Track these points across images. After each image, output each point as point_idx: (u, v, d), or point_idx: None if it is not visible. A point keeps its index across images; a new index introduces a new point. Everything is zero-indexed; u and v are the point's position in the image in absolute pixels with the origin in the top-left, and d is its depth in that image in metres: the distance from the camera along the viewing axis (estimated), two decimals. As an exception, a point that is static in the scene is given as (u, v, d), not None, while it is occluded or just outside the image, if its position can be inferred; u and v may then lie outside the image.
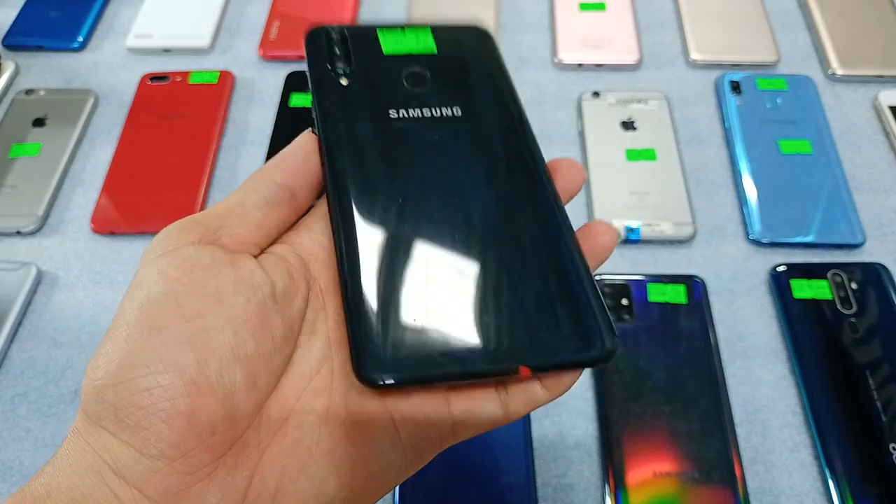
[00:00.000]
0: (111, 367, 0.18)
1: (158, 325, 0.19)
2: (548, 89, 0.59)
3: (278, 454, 0.19)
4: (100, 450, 0.18)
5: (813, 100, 0.56)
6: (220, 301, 0.19)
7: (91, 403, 0.18)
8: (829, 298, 0.45)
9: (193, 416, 0.18)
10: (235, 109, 0.59)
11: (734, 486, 0.39)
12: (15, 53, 0.63)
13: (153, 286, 0.20)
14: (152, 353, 0.18)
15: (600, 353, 0.21)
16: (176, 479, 0.18)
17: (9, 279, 0.49)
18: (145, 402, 0.18)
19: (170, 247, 0.21)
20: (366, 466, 0.20)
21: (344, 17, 0.63)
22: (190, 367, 0.18)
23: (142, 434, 0.18)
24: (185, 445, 0.18)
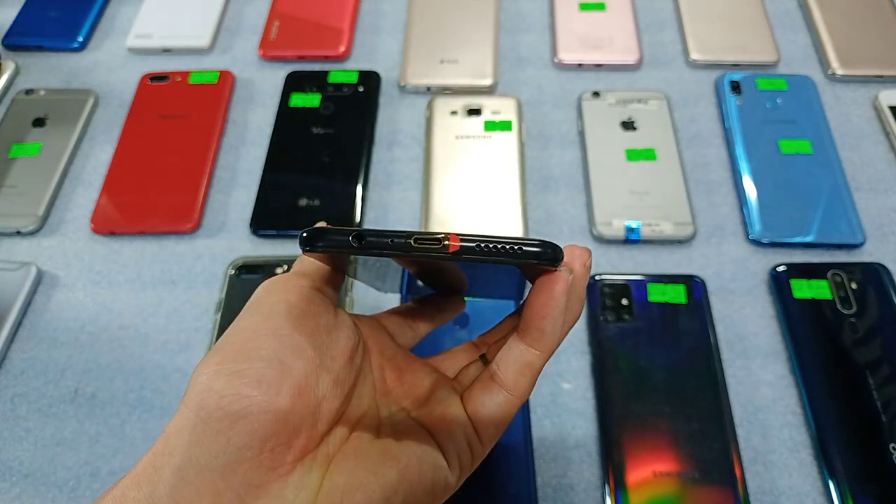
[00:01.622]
0: (227, 359, 0.21)
1: (278, 332, 0.22)
2: (548, 89, 0.59)
3: (346, 457, 0.22)
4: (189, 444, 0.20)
5: (813, 100, 0.56)
6: (330, 333, 0.23)
7: (198, 391, 0.20)
8: (829, 298, 0.45)
9: (289, 414, 0.20)
10: (235, 109, 0.59)
11: (734, 486, 0.39)
12: (15, 53, 0.63)
13: (277, 304, 0.23)
14: (269, 352, 0.21)
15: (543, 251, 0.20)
16: (260, 473, 0.20)
17: (9, 279, 0.49)
18: (251, 391, 0.20)
19: (291, 284, 0.24)
20: (420, 462, 0.23)
21: (344, 17, 0.63)
22: (298, 371, 0.21)
23: (240, 423, 0.20)
24: (274, 441, 0.20)
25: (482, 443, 0.24)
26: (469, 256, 0.20)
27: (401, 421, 0.24)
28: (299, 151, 0.55)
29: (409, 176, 0.54)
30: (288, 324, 0.22)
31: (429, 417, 0.24)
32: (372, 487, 0.21)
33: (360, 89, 0.58)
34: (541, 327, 0.22)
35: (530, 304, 0.22)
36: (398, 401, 0.26)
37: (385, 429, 0.24)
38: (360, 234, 0.20)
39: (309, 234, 0.20)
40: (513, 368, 0.23)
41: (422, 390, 0.26)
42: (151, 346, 0.46)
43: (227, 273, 0.48)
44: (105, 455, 0.42)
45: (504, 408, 0.24)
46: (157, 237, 0.51)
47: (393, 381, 0.26)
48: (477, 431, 0.24)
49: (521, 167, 0.53)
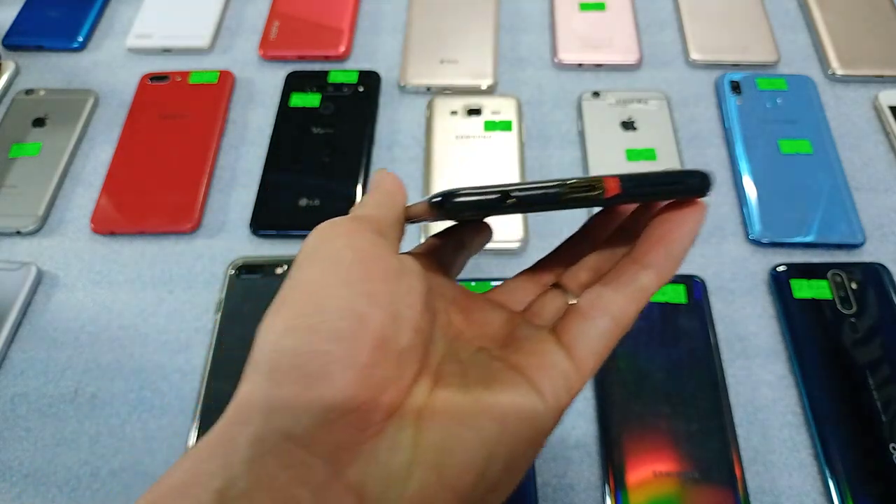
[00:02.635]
0: (296, 313, 0.19)
1: (348, 280, 0.19)
2: (548, 89, 0.59)
3: (437, 411, 0.20)
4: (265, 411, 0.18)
5: (813, 100, 0.56)
6: (400, 278, 0.21)
7: (268, 352, 0.19)
8: (829, 298, 0.45)
9: (373, 368, 0.18)
10: (235, 109, 0.59)
11: (734, 486, 0.39)
12: (15, 53, 0.63)
13: (341, 250, 0.20)
14: (342, 302, 0.19)
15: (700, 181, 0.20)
16: (349, 435, 0.18)
17: (9, 279, 0.49)
18: (329, 346, 0.18)
19: (352, 228, 0.21)
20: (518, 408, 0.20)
21: (344, 17, 0.63)
22: (375, 322, 0.19)
23: (320, 383, 0.18)
24: (360, 399, 0.18)
25: (581, 376, 0.22)
26: (628, 199, 0.19)
27: (484, 364, 0.22)
28: (299, 151, 0.55)
29: (409, 176, 0.54)
30: (358, 271, 0.20)
31: (517, 356, 0.22)
32: (472, 444, 0.19)
33: (360, 89, 0.58)
34: (671, 251, 0.21)
35: (661, 227, 0.21)
36: (472, 342, 0.23)
37: (471, 375, 0.21)
38: (506, 192, 0.19)
39: (450, 194, 0.19)
40: (624, 292, 0.22)
41: (495, 328, 0.24)
42: (151, 346, 0.46)
43: (227, 273, 0.48)
44: (105, 455, 0.42)
45: (608, 337, 0.22)
46: (157, 237, 0.51)
47: (461, 322, 0.24)
48: (576, 363, 0.22)
49: (521, 167, 0.53)
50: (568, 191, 0.19)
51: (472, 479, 0.19)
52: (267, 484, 0.17)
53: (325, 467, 0.17)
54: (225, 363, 0.44)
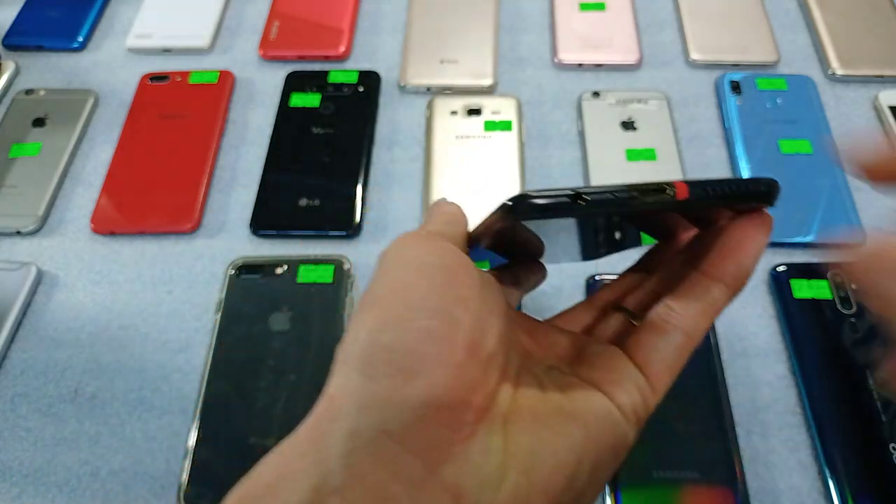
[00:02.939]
0: (389, 310, 0.19)
1: (436, 283, 0.19)
2: (548, 89, 0.59)
3: (523, 417, 0.20)
4: (358, 406, 0.18)
5: (813, 100, 0.56)
6: (483, 287, 0.21)
7: (361, 346, 0.19)
8: (829, 298, 0.45)
9: (464, 368, 0.18)
10: (235, 109, 0.59)
11: (734, 486, 0.39)
12: (15, 53, 0.63)
13: (427, 256, 0.21)
14: (431, 302, 0.19)
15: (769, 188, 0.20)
16: (443, 434, 0.18)
17: (9, 279, 0.49)
18: (423, 344, 0.18)
19: (431, 239, 0.22)
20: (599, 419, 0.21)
21: (344, 17, 0.63)
22: (466, 324, 0.19)
23: (415, 380, 0.18)
24: (454, 397, 0.18)
25: (656, 391, 0.22)
26: (697, 202, 0.19)
27: (560, 379, 0.22)
28: (299, 151, 0.55)
29: (409, 176, 0.54)
30: (445, 276, 0.20)
31: (591, 372, 0.22)
32: (561, 450, 0.19)
33: (360, 89, 0.58)
34: (741, 262, 0.21)
35: (730, 239, 0.22)
36: (542, 361, 0.24)
37: (549, 387, 0.22)
38: (577, 194, 0.18)
39: (521, 197, 0.19)
40: (695, 307, 0.22)
41: (563, 348, 0.24)
42: (151, 346, 0.46)
43: (227, 273, 0.48)
44: (105, 455, 0.42)
45: (681, 351, 0.22)
46: (157, 237, 0.51)
47: (528, 341, 0.24)
48: (649, 379, 0.22)
49: (521, 167, 0.53)
50: (640, 194, 0.19)
51: (562, 483, 0.19)
52: (362, 480, 0.17)
53: (421, 466, 0.17)
54: (225, 363, 0.44)
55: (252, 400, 0.43)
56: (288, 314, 0.46)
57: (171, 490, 0.41)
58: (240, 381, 0.43)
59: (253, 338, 0.45)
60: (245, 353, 0.44)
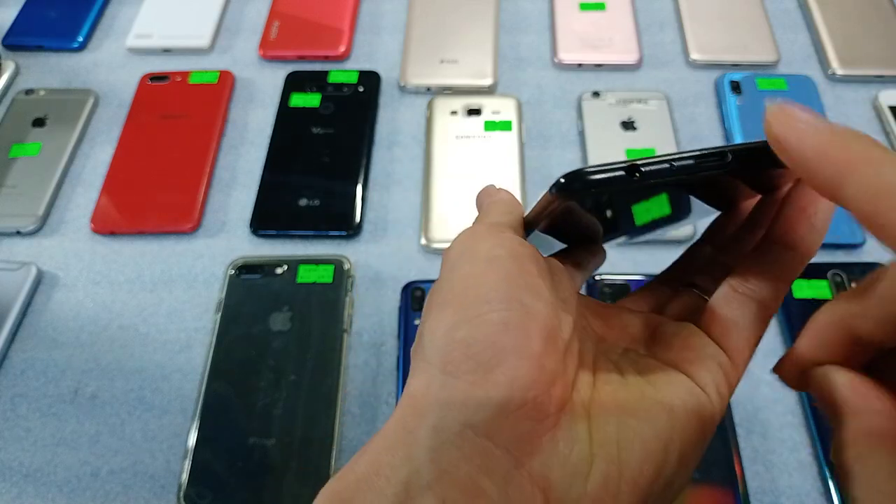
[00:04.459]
0: (463, 305, 0.19)
1: (508, 274, 0.19)
2: (548, 89, 0.59)
3: (605, 405, 0.19)
4: (442, 402, 0.18)
5: (813, 100, 0.56)
6: (552, 274, 0.21)
7: (439, 344, 0.18)
8: (829, 298, 0.45)
9: (543, 358, 0.18)
10: (235, 109, 0.59)
11: (734, 486, 0.39)
12: (15, 53, 0.63)
13: (494, 248, 0.20)
14: (504, 293, 0.19)
15: None
16: (527, 426, 0.17)
17: (9, 279, 0.49)
18: (501, 336, 0.18)
19: (495, 231, 0.22)
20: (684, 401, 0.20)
21: (344, 17, 0.63)
22: (541, 313, 0.19)
23: (495, 372, 0.18)
24: (535, 388, 0.18)
25: (736, 366, 0.22)
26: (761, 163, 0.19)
27: (637, 362, 0.22)
28: (299, 151, 0.55)
29: (409, 176, 0.54)
30: (513, 266, 0.20)
31: (669, 353, 0.22)
32: (648, 436, 0.19)
33: (360, 89, 0.58)
34: (813, 224, 0.21)
35: (798, 203, 0.21)
36: (617, 344, 0.23)
37: (627, 372, 0.21)
38: (634, 166, 0.18)
39: (575, 173, 0.18)
40: (769, 274, 0.21)
41: (636, 330, 0.24)
42: (151, 346, 0.46)
43: (227, 273, 0.48)
44: (105, 455, 0.42)
45: (759, 322, 0.22)
46: (157, 237, 0.51)
47: (600, 327, 0.24)
48: (729, 354, 0.21)
49: (521, 167, 0.53)
50: (697, 160, 0.19)
51: (651, 471, 0.19)
52: (451, 475, 0.17)
53: (507, 458, 0.17)
54: (225, 363, 0.44)
55: (252, 400, 0.43)
56: (288, 314, 0.46)
57: (171, 490, 0.41)
58: (240, 381, 0.43)
59: (253, 338, 0.45)
60: (245, 353, 0.44)
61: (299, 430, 0.42)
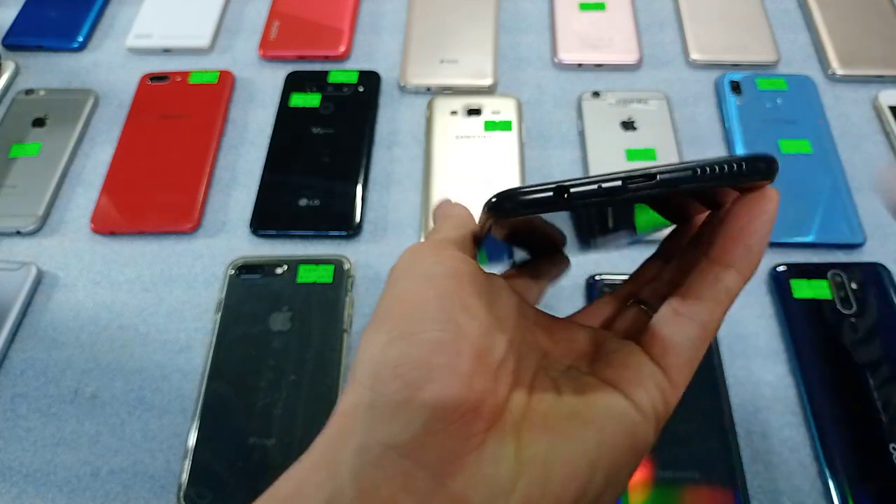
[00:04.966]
0: (397, 324, 0.19)
1: (445, 293, 0.20)
2: (548, 89, 0.59)
3: (535, 424, 0.20)
4: (368, 421, 0.18)
5: (813, 100, 0.56)
6: (492, 293, 0.21)
7: (370, 363, 0.19)
8: (829, 298, 0.45)
9: (473, 378, 0.18)
10: (235, 109, 0.59)
11: (734, 486, 0.39)
12: (15, 53, 0.63)
13: (434, 266, 0.21)
14: (440, 313, 0.19)
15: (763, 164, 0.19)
16: (452, 445, 0.18)
17: (9, 279, 0.48)
18: (431, 355, 0.18)
19: (440, 248, 0.22)
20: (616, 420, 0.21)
21: (344, 17, 0.63)
22: (473, 332, 0.19)
23: (423, 392, 0.18)
24: (462, 408, 0.18)
25: (675, 387, 0.22)
26: (688, 185, 0.18)
27: (576, 380, 0.22)
28: (299, 151, 0.55)
29: (409, 176, 0.54)
30: (453, 284, 0.20)
31: (607, 370, 0.22)
32: (574, 456, 0.19)
33: (360, 89, 0.58)
34: (749, 245, 0.20)
35: (734, 223, 0.21)
36: (561, 360, 0.23)
37: (564, 391, 0.21)
38: (561, 188, 0.18)
39: (505, 196, 0.18)
40: (708, 295, 0.21)
41: (582, 346, 0.24)
42: (151, 346, 0.46)
43: (227, 273, 0.48)
44: (105, 455, 0.42)
45: (698, 342, 0.22)
46: (157, 237, 0.51)
47: (546, 341, 0.24)
48: (667, 374, 0.22)
49: (521, 167, 0.53)
50: (625, 182, 0.18)
51: (575, 490, 0.19)
52: (372, 495, 0.17)
53: (429, 478, 0.17)
54: (225, 363, 0.44)
55: (252, 400, 0.43)
56: (288, 314, 0.46)
57: (171, 490, 0.41)
58: (240, 381, 0.43)
59: (253, 338, 0.45)
60: (245, 353, 0.44)
61: (299, 430, 0.42)
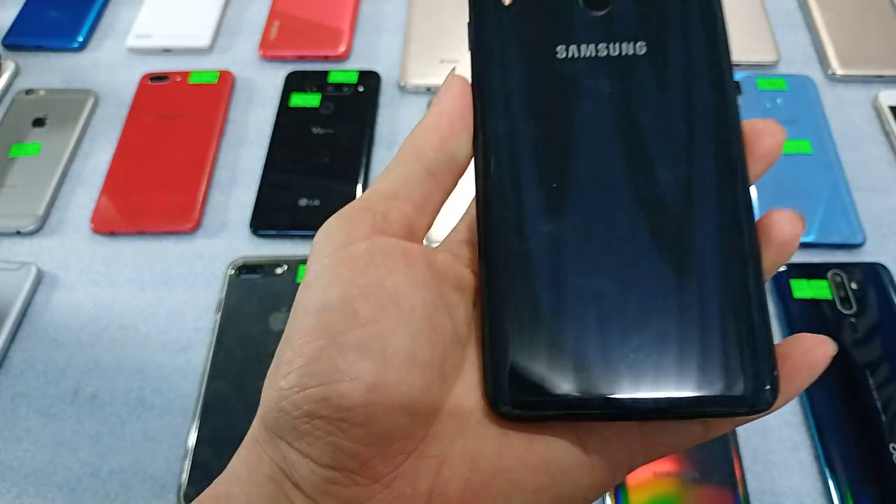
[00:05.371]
0: (291, 377, 0.18)
1: (334, 332, 0.18)
2: (548, 89, 0.59)
3: (459, 467, 0.18)
4: (277, 459, 0.18)
5: (813, 100, 0.56)
6: (396, 303, 0.18)
7: (270, 413, 0.18)
8: (829, 298, 0.45)
9: (371, 426, 0.17)
10: (235, 109, 0.59)
11: (734, 486, 0.39)
12: (15, 53, 0.63)
13: (327, 290, 0.18)
14: (329, 364, 0.17)
15: (759, 403, 0.18)
16: (354, 491, 0.17)
17: (9, 279, 0.48)
18: (322, 411, 0.17)
19: (339, 244, 0.19)
20: (552, 485, 0.18)
21: (344, 17, 0.63)
22: (368, 376, 0.17)
23: (318, 445, 0.17)
24: (362, 456, 0.17)
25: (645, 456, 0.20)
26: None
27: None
28: (299, 151, 0.55)
29: (409, 176, 0.54)
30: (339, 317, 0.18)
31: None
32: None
33: (360, 89, 0.58)
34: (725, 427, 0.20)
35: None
36: None
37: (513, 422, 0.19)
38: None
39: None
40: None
41: None
42: (151, 346, 0.46)
43: (227, 273, 0.48)
44: (105, 455, 0.42)
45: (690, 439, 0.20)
46: (157, 237, 0.51)
47: None
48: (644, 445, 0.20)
49: (521, 167, 0.53)
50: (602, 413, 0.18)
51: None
52: None
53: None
54: (225, 363, 0.44)
55: (252, 400, 0.42)
56: (288, 314, 0.46)
57: (171, 490, 0.41)
58: (240, 381, 0.43)
59: (253, 338, 0.45)
60: (245, 353, 0.44)
61: (299, 430, 0.42)
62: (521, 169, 0.19)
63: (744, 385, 0.17)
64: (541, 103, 0.20)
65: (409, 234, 0.20)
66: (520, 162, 0.19)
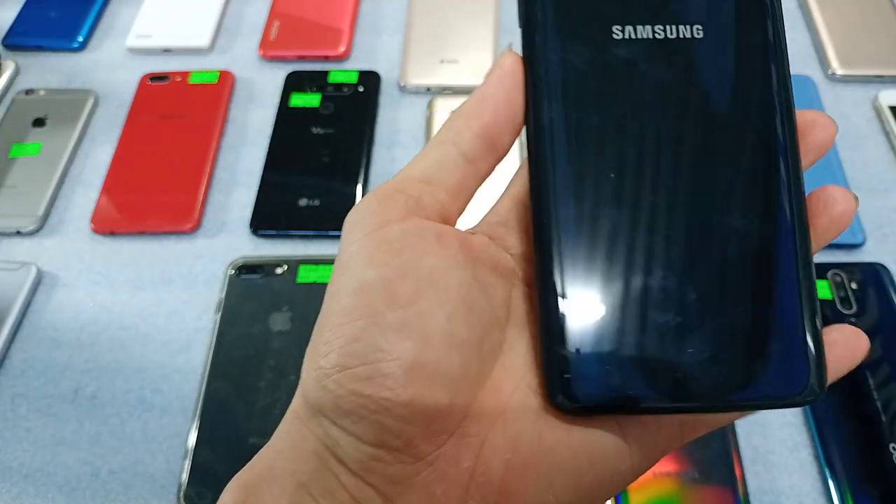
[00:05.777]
0: (331, 357, 0.18)
1: (374, 312, 0.18)
2: (548, 89, 0.59)
3: (500, 448, 0.18)
4: (321, 436, 0.18)
5: (813, 100, 0.56)
6: (433, 284, 0.18)
7: (312, 391, 0.18)
8: (829, 298, 0.45)
9: (414, 405, 0.17)
10: (235, 109, 0.59)
11: (734, 486, 0.39)
12: (15, 53, 0.63)
13: (364, 271, 0.18)
14: (370, 343, 0.18)
15: (811, 394, 0.18)
16: (398, 469, 0.18)
17: (9, 279, 0.49)
18: (366, 391, 0.17)
19: (373, 225, 0.19)
20: (591, 468, 0.18)
21: (344, 17, 0.63)
22: (408, 355, 0.18)
23: (363, 423, 0.17)
24: (406, 435, 0.17)
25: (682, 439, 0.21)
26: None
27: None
28: (299, 151, 0.55)
29: (409, 176, 0.54)
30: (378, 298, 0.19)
31: None
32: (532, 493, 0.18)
33: (360, 89, 0.58)
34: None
35: None
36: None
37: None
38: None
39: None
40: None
41: None
42: (151, 346, 0.46)
43: (227, 273, 0.48)
44: (105, 455, 0.42)
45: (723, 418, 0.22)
46: (157, 237, 0.51)
47: None
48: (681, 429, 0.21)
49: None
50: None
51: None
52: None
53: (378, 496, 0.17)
54: (225, 363, 0.44)
55: (252, 400, 0.43)
56: (288, 314, 0.46)
57: (171, 490, 0.41)
58: (240, 381, 0.43)
59: (253, 338, 0.45)
60: (245, 353, 0.44)
61: (299, 430, 0.42)
62: (582, 155, 0.19)
63: (799, 378, 0.18)
64: (598, 85, 0.19)
65: (442, 219, 0.20)
66: (580, 148, 0.19)
